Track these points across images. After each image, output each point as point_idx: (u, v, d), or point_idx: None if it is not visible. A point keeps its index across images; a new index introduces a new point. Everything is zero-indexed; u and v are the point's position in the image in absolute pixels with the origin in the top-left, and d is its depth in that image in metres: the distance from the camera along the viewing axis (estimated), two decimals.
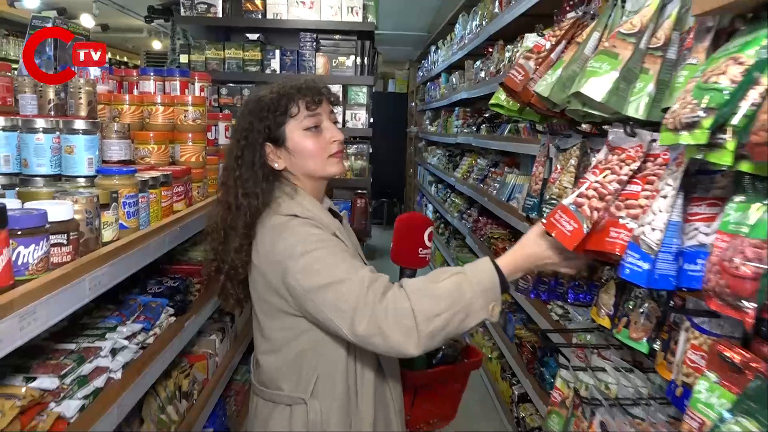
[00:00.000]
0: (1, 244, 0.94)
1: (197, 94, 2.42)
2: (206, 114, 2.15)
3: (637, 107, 1.08)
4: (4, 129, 1.48)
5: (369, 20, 4.03)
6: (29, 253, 1.01)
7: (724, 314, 0.84)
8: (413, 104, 10.91)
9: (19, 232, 1.00)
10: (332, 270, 1.31)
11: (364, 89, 4.08)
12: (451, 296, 1.23)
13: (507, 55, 4.11)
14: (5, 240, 0.94)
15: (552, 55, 1.40)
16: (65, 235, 1.11)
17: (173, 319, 1.71)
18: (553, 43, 1.40)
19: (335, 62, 4.09)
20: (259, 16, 3.97)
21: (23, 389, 1.06)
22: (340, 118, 3.99)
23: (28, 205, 1.12)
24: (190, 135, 2.06)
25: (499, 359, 4.15)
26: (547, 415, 1.64)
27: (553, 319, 2.70)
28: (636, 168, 1.10)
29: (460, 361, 1.97)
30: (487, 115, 5.12)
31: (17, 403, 1.01)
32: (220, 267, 1.48)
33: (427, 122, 9.01)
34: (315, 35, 4.02)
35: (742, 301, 0.77)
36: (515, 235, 4.16)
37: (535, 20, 3.55)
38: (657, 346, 1.27)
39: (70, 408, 1.15)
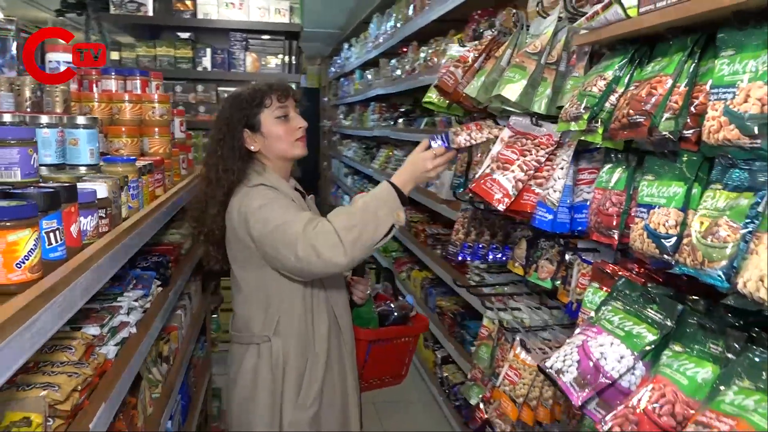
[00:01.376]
0: (75, 214, 1.20)
1: (154, 91, 2.64)
2: (171, 110, 2.40)
3: (540, 105, 1.50)
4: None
5: (295, 21, 4.33)
6: (87, 222, 1.28)
7: (601, 243, 1.27)
8: (326, 99, 11.21)
9: (78, 206, 1.27)
10: (281, 216, 1.69)
11: (293, 86, 4.36)
12: (361, 212, 1.64)
13: (422, 55, 4.54)
14: (77, 211, 1.21)
15: (475, 65, 1.81)
16: (105, 210, 1.38)
17: (160, 289, 1.97)
18: (476, 55, 1.81)
19: (264, 61, 4.35)
20: (189, 16, 4.15)
21: (80, 333, 1.33)
22: None
23: None
24: (156, 129, 2.29)
25: None
26: (476, 348, 2.06)
27: (471, 284, 3.15)
28: (551, 152, 1.52)
29: (408, 324, 2.34)
30: (403, 110, 5.55)
31: (81, 342, 1.28)
32: (201, 230, 1.87)
33: (341, 116, 9.35)
34: (244, 35, 4.26)
35: (611, 231, 1.20)
36: (433, 217, 4.63)
37: (448, 25, 4.03)
38: (558, 282, 1.71)
39: (110, 351, 1.42)
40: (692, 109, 1.00)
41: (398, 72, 5.26)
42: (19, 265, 0.97)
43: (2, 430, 0.97)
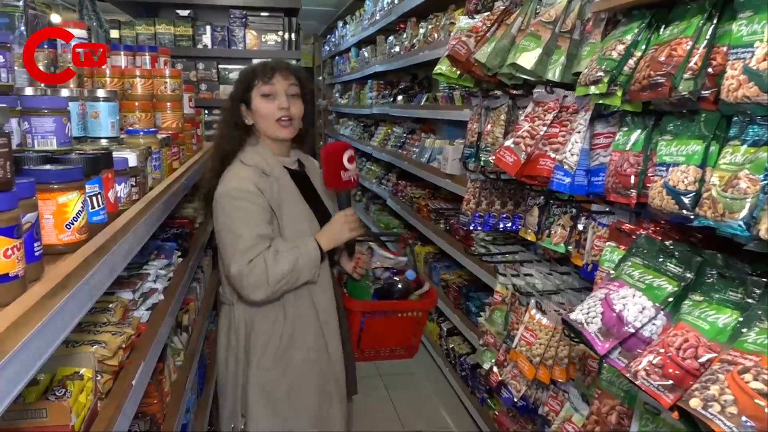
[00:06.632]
0: (112, 180, 1.24)
1: (163, 66, 2.65)
2: (182, 85, 2.42)
3: (554, 73, 1.54)
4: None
5: None
6: (121, 189, 1.32)
7: (617, 204, 1.33)
8: (321, 78, 11.16)
9: (114, 173, 1.30)
10: (240, 222, 1.82)
11: (293, 63, 4.38)
12: (293, 265, 1.81)
13: (421, 31, 4.55)
14: (113, 177, 1.25)
15: (487, 35, 1.84)
16: (135, 178, 1.42)
17: (180, 259, 2.02)
18: (488, 26, 1.84)
19: (263, 38, 4.35)
20: None
21: (115, 297, 1.37)
22: None
23: None
24: (169, 104, 2.32)
25: None
26: (490, 312, 2.12)
27: (476, 256, 3.21)
28: (555, 115, 1.56)
29: (406, 298, 2.33)
30: (402, 87, 5.56)
31: (119, 305, 1.33)
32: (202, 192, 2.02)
33: (337, 95, 9.33)
34: (243, 12, 4.26)
35: (629, 190, 1.25)
36: (435, 192, 4.67)
37: (445, 1, 4.02)
38: (571, 246, 1.77)
39: (143, 315, 1.47)
40: (710, 69, 1.04)
41: (396, 49, 5.26)
42: (68, 226, 1.01)
43: (56, 384, 1.02)
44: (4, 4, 2.43)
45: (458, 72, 2.06)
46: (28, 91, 1.69)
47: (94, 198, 1.13)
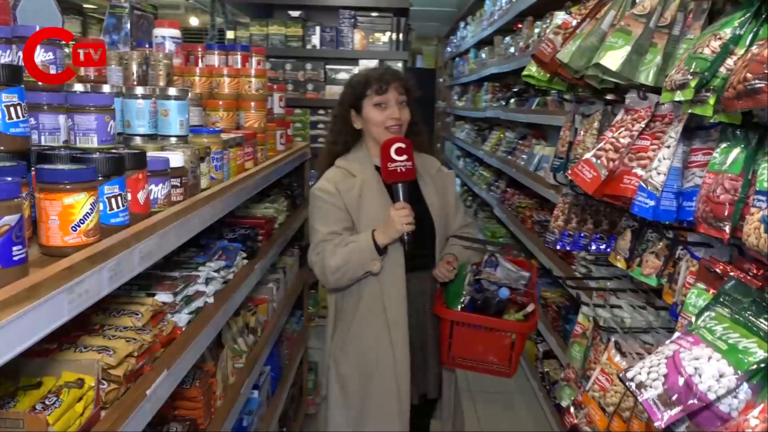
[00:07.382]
0: (143, 181, 1.21)
1: (253, 66, 2.67)
2: (267, 85, 2.41)
3: (647, 75, 1.30)
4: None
5: None
6: (158, 190, 1.29)
7: (711, 236, 1.08)
8: (441, 80, 11.05)
9: (149, 173, 1.28)
10: (318, 219, 2.11)
11: (399, 64, 4.30)
12: (346, 259, 2.01)
13: (536, 30, 4.28)
14: (145, 178, 1.22)
15: (577, 31, 1.61)
16: (179, 179, 1.39)
17: (245, 261, 1.99)
18: (579, 20, 1.62)
19: (371, 38, 4.31)
20: None
21: (151, 300, 1.35)
22: None
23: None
24: (253, 104, 2.31)
25: None
26: (569, 345, 1.89)
27: (576, 276, 2.93)
28: (645, 125, 1.32)
29: (500, 315, 2.18)
30: (515, 90, 5.29)
31: (149, 308, 1.30)
32: None
33: (455, 97, 9.17)
34: (353, 12, 4.25)
35: (721, 222, 1.01)
36: (542, 203, 4.38)
37: None
38: (664, 279, 1.50)
39: (181, 320, 1.44)
40: None
41: (512, 49, 5.01)
42: (74, 229, 0.98)
43: (56, 389, 0.99)
44: (113, 6, 2.57)
45: (548, 74, 1.84)
46: (105, 88, 1.74)
47: (113, 199, 1.09)
